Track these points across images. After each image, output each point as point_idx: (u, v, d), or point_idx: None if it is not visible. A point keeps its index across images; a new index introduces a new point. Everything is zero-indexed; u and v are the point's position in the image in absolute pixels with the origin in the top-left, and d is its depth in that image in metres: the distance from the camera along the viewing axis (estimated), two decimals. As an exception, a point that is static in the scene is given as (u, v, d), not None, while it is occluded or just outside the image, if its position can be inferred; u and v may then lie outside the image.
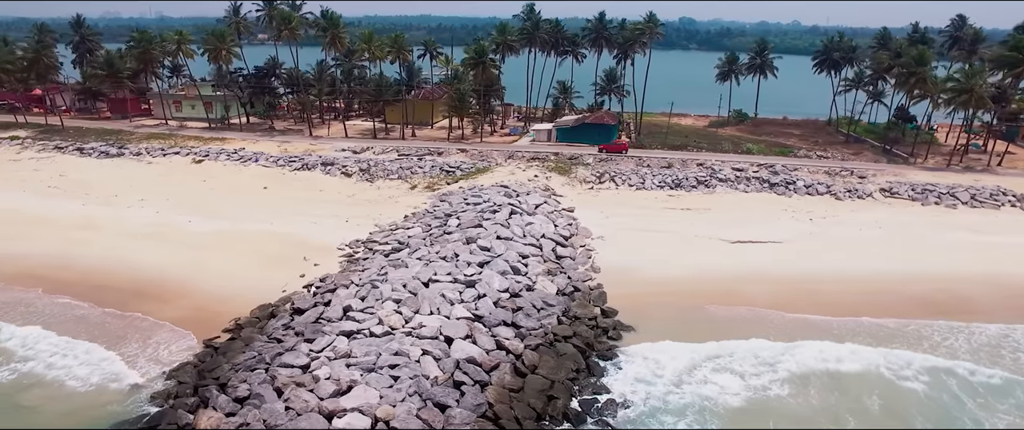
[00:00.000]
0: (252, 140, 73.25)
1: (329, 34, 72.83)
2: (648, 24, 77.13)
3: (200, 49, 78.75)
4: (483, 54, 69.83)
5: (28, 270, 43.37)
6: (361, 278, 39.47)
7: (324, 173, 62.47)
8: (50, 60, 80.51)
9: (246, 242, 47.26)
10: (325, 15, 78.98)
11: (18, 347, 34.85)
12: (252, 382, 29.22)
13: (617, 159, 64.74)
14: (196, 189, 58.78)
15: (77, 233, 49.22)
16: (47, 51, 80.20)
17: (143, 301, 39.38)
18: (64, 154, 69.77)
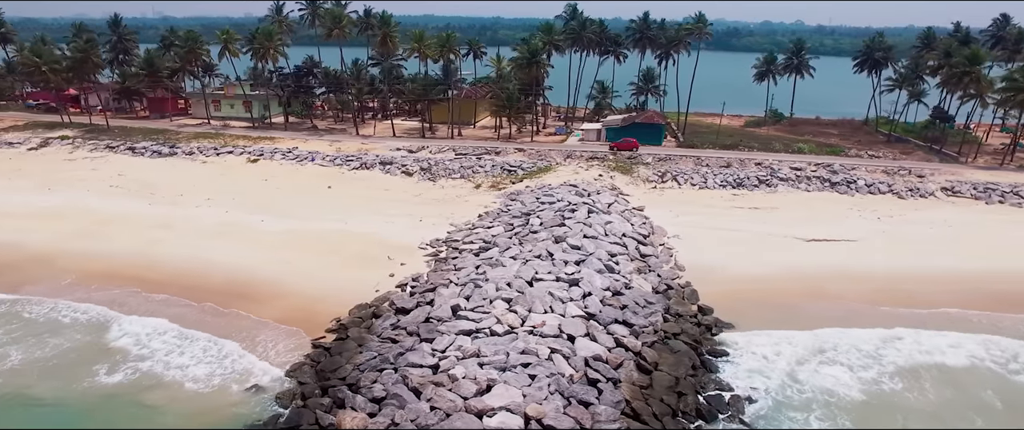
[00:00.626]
0: (301, 139, 73.01)
1: (380, 33, 72.68)
2: (697, 24, 77.44)
3: (244, 48, 78.38)
4: (536, 54, 69.88)
5: (116, 269, 43.11)
6: (459, 277, 39.46)
7: (384, 172, 62.37)
8: (98, 59, 79.93)
9: (324, 241, 47.08)
10: (367, 13, 78.84)
11: (131, 345, 34.67)
12: (385, 382, 29.14)
13: (676, 158, 64.93)
14: (259, 188, 58.54)
15: (152, 232, 48.97)
16: (95, 50, 79.61)
17: (239, 301, 39.16)
18: (116, 153, 69.35)
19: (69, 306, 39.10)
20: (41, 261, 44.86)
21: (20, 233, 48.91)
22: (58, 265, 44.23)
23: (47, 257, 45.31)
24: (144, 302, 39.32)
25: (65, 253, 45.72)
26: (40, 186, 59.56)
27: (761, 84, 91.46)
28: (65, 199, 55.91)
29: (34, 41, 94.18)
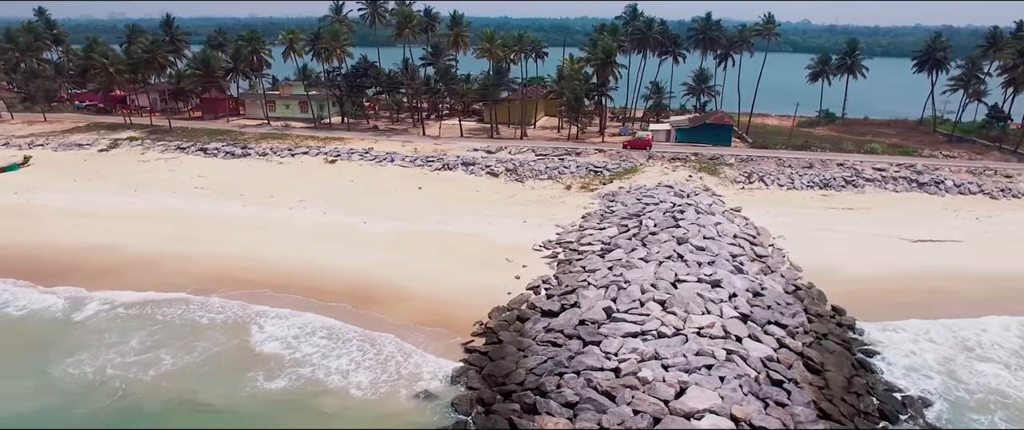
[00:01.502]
0: (369, 139, 72.50)
1: (453, 33, 72.22)
2: (767, 25, 77.45)
3: (307, 48, 77.82)
4: (611, 54, 69.61)
5: (227, 272, 42.52)
6: (596, 279, 39.16)
7: (467, 173, 61.98)
8: (163, 59, 79.20)
9: (432, 243, 46.67)
10: (427, 12, 78.39)
11: (282, 349, 34.13)
12: (573, 386, 28.79)
13: (757, 158, 64.80)
14: (348, 189, 58.03)
15: (251, 234, 48.42)
16: (160, 50, 78.87)
17: (368, 304, 38.66)
18: (188, 154, 68.67)
19: (201, 307, 38.60)
20: (145, 263, 44.30)
21: (117, 235, 48.37)
22: (164, 268, 43.71)
23: (150, 259, 44.76)
24: (275, 305, 38.97)
25: (169, 256, 45.21)
26: (124, 188, 58.93)
27: (811, 84, 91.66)
28: (153, 201, 55.34)
29: (87, 42, 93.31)
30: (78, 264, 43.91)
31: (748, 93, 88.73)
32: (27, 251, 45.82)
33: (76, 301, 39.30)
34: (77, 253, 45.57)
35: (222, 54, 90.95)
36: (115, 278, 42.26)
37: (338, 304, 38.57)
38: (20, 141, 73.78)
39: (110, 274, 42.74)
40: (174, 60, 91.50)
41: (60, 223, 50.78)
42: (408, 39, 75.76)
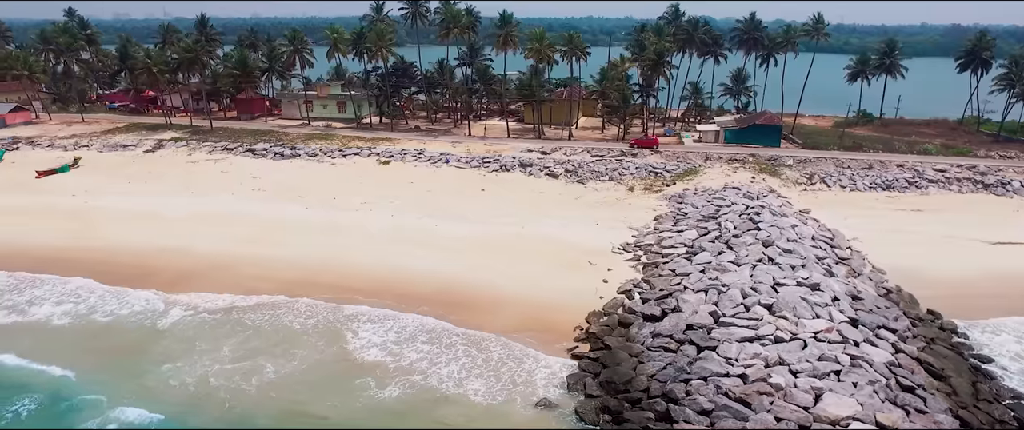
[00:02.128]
0: (418, 140, 71.78)
1: (503, 33, 71.48)
2: (816, 25, 76.86)
3: (350, 48, 77.00)
4: (663, 55, 68.96)
5: (308, 277, 41.77)
6: (691, 282, 38.53)
7: (526, 174, 61.26)
8: (206, 59, 78.30)
9: (509, 246, 45.96)
10: (469, 12, 77.68)
11: (385, 357, 33.42)
12: (704, 393, 28.13)
13: (815, 160, 64.18)
14: (409, 191, 57.32)
15: (325, 237, 47.66)
16: (203, 50, 78.03)
17: (459, 309, 37.93)
18: (236, 155, 67.86)
19: (289, 311, 37.91)
20: (221, 267, 43.52)
21: (185, 238, 47.63)
22: (241, 271, 42.95)
23: (225, 263, 43.97)
24: (365, 310, 38.28)
25: (243, 259, 44.45)
26: (180, 189, 58.16)
27: (849, 85, 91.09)
28: (213, 202, 54.59)
29: (120, 42, 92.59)
30: (154, 268, 43.21)
31: (772, 93, 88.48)
32: (98, 254, 45.07)
33: (160, 306, 38.62)
34: (150, 256, 44.87)
35: (256, 54, 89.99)
36: (193, 282, 41.59)
37: (429, 309, 38.00)
38: (64, 142, 72.92)
39: (187, 278, 42.05)
40: (207, 60, 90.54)
41: (125, 226, 50.03)
42: (456, 38, 74.92)
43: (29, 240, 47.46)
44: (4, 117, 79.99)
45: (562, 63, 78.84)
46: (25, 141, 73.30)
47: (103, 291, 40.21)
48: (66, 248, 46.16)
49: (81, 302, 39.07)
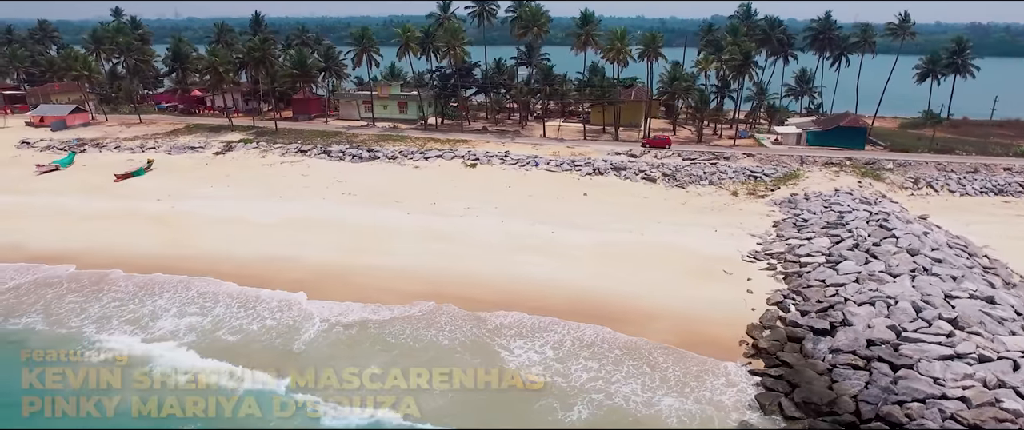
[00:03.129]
0: (495, 141, 69.79)
1: (583, 32, 69.50)
2: (902, 25, 74.85)
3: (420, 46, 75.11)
4: (750, 55, 67.09)
5: (433, 287, 39.63)
6: (849, 294, 36.52)
7: (621, 178, 59.30)
8: (273, 58, 76.26)
9: (634, 254, 43.96)
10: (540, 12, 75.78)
11: (553, 376, 31.21)
12: (926, 416, 26.21)
13: (916, 164, 62.13)
14: (508, 195, 55.37)
15: (437, 245, 45.64)
16: (270, 49, 76.00)
17: (610, 323, 35.71)
18: (311, 158, 65.85)
19: (429, 326, 35.76)
20: (333, 277, 41.37)
21: (288, 246, 45.51)
22: (354, 281, 40.89)
23: (337, 273, 41.83)
24: (509, 323, 36.09)
25: (355, 268, 42.38)
26: (266, 193, 56.13)
27: (916, 86, 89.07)
28: (306, 208, 52.53)
29: (173, 42, 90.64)
30: (266, 277, 41.10)
31: (850, 95, 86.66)
32: (200, 264, 42.92)
33: (289, 320, 36.57)
34: (257, 266, 42.71)
35: (314, 54, 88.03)
36: (311, 294, 39.56)
37: (575, 322, 36.01)
38: (130, 144, 70.94)
39: (304, 288, 39.99)
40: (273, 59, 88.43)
41: (220, 232, 48.02)
42: (524, 38, 72.98)
43: (126, 248, 45.40)
44: (65, 119, 77.96)
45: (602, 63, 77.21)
46: (90, 143, 71.29)
47: (228, 300, 38.36)
48: (166, 257, 44.11)
49: (206, 314, 37.14)
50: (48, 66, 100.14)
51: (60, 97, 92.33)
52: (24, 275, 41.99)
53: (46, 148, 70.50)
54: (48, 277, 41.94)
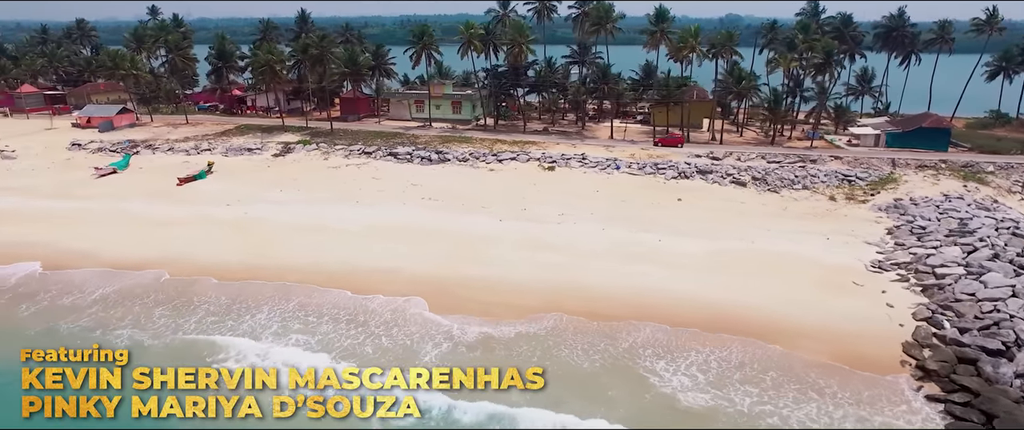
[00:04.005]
0: (567, 144, 67.02)
1: (657, 29, 66.86)
2: (989, 20, 71.97)
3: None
4: (832, 53, 64.38)
5: (548, 300, 36.98)
6: (1013, 310, 33.84)
7: (708, 182, 56.61)
8: (331, 56, 73.62)
9: (749, 263, 41.18)
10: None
11: (720, 402, 28.55)
12: None
13: (1019, 167, 59.23)
14: (598, 200, 52.62)
15: (542, 255, 42.78)
16: (328, 47, 73.43)
17: (751, 339, 33.45)
18: (376, 160, 63.24)
19: (558, 342, 33.23)
20: (442, 292, 38.38)
21: (380, 257, 42.65)
22: (460, 294, 38.14)
23: (441, 286, 38.97)
24: (643, 340, 33.54)
25: (457, 280, 39.64)
26: (339, 197, 53.51)
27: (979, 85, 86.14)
28: (387, 213, 49.85)
29: (217, 40, 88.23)
30: (370, 291, 38.58)
31: (911, 95, 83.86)
32: (294, 275, 40.39)
33: (407, 338, 33.90)
34: (358, 278, 40.00)
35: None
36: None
37: (714, 337, 33.40)
38: (182, 146, 68.45)
39: (403, 309, 37.24)
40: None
41: (302, 241, 45.38)
42: (606, 36, 70.37)
43: (209, 257, 42.82)
44: (112, 119, 75.48)
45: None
46: (142, 145, 68.84)
47: (336, 313, 35.88)
48: (253, 267, 41.55)
49: (314, 332, 34.56)
50: (85, 66, 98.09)
51: (100, 97, 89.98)
52: (111, 282, 39.67)
53: (98, 150, 68.07)
54: (135, 285, 39.61)
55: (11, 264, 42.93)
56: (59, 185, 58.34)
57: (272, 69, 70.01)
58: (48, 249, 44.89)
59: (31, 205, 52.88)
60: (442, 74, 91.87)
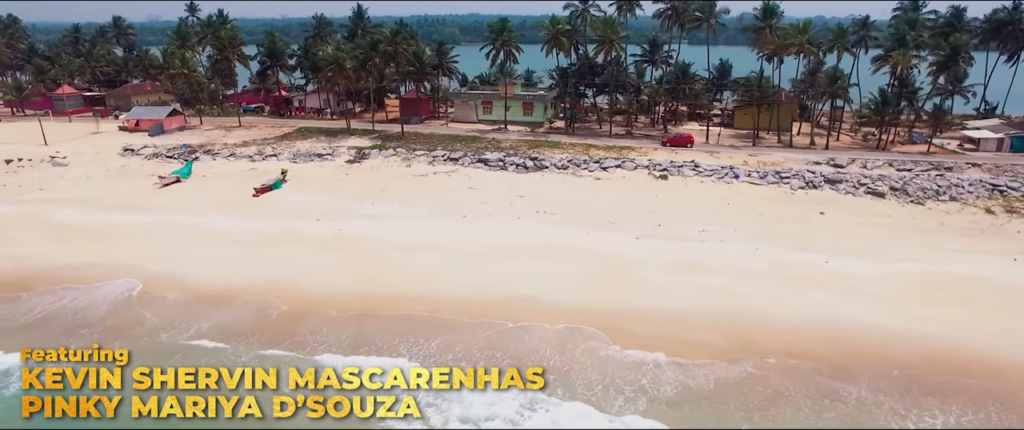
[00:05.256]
0: (664, 149, 61.53)
1: (765, 25, 61.48)
2: None
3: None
4: (958, 50, 59.10)
5: (739, 338, 31.76)
6: None
7: (839, 192, 51.08)
8: (405, 52, 68.13)
9: (933, 289, 35.83)
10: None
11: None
12: None
13: None
14: (732, 213, 47.32)
15: (693, 279, 37.29)
16: (404, 43, 68.04)
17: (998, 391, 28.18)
18: (465, 167, 57.68)
19: (775, 393, 27.85)
20: (596, 321, 33.24)
21: (515, 281, 37.04)
22: (623, 326, 32.78)
23: (595, 315, 33.62)
24: (884, 390, 28.25)
25: (617, 311, 34.14)
26: (442, 211, 47.84)
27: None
28: (504, 230, 44.18)
29: (267, 38, 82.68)
30: (521, 324, 33.33)
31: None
32: (420, 306, 35.03)
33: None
34: (488, 308, 34.72)
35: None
36: (582, 342, 31.90)
37: (960, 389, 28.11)
38: (244, 151, 62.85)
39: (573, 338, 32.22)
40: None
41: (415, 263, 39.85)
42: (709, 34, 65.06)
43: (314, 284, 37.30)
44: (161, 122, 69.99)
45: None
46: (200, 150, 63.35)
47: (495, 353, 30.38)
48: (371, 297, 36.01)
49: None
50: (123, 65, 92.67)
51: (141, 99, 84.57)
52: (211, 314, 34.26)
53: (153, 156, 62.50)
54: (239, 319, 34.19)
55: (96, 284, 37.86)
56: (121, 195, 52.81)
57: (341, 68, 64.46)
58: (130, 273, 39.63)
59: (97, 219, 47.33)
60: (505, 73, 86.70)
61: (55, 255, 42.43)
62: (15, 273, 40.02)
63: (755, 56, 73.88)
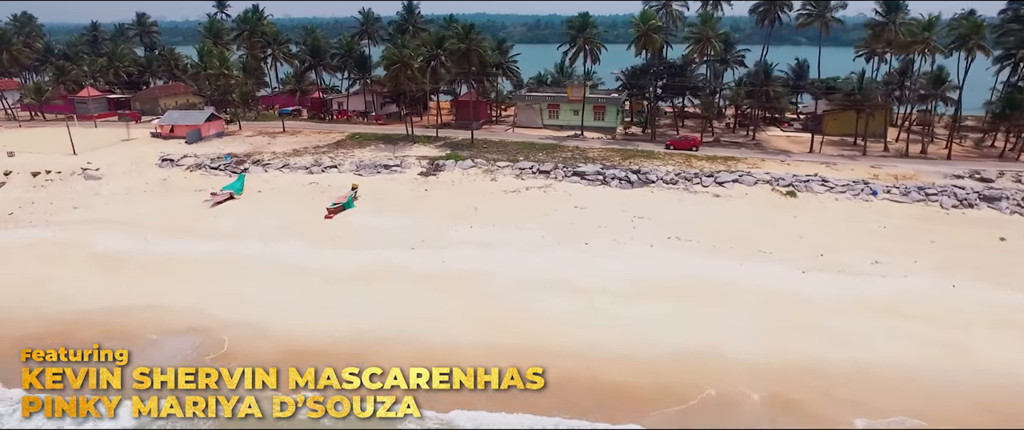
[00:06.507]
0: (776, 161, 54.63)
1: (888, 20, 54.64)
2: None
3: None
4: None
5: (991, 409, 25.48)
6: None
7: (1002, 212, 44.58)
8: (482, 50, 61.00)
9: None
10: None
11: None
12: None
13: None
14: (893, 239, 40.65)
15: (892, 323, 30.80)
16: (480, 40, 60.93)
17: None
18: (559, 181, 50.66)
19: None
20: (799, 384, 27.06)
21: (675, 328, 30.75)
22: (839, 393, 26.57)
23: (797, 376, 27.47)
24: None
25: (814, 368, 28.00)
26: (557, 238, 40.66)
27: None
28: (639, 261, 37.43)
29: (308, 36, 75.55)
30: (683, 388, 26.77)
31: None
32: (576, 363, 28.36)
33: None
34: (655, 368, 28.15)
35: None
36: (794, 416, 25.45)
37: None
38: (298, 161, 55.44)
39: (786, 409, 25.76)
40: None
41: (547, 306, 33.08)
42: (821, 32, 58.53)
43: (436, 337, 30.38)
44: (199, 128, 62.67)
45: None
46: (249, 160, 56.11)
47: None
48: (508, 351, 29.06)
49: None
50: (147, 65, 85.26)
51: (166, 101, 77.31)
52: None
53: (196, 167, 55.11)
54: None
55: (162, 336, 31.06)
56: (170, 216, 45.67)
57: (406, 67, 57.36)
58: (199, 318, 32.76)
59: (149, 248, 40.21)
60: (565, 74, 79.93)
61: (104, 294, 35.64)
62: (60, 319, 33.24)
63: (851, 56, 67.55)
